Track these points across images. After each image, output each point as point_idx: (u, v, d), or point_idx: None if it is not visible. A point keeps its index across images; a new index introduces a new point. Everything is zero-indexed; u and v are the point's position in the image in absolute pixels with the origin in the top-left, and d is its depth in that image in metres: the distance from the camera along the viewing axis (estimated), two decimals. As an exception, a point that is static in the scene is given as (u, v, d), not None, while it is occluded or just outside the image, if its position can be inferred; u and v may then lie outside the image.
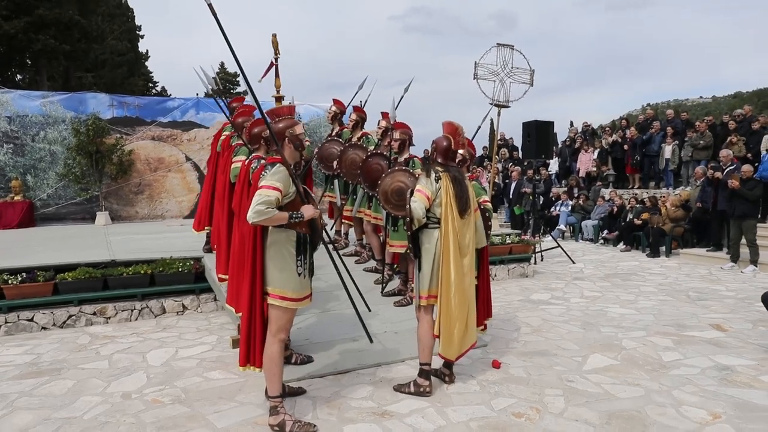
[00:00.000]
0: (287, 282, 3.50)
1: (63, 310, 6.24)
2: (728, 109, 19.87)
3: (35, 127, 12.75)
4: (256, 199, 3.28)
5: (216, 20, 3.51)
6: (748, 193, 9.34)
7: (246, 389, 4.25)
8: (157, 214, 13.81)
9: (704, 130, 13.37)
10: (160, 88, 38.00)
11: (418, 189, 4.05)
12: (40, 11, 21.25)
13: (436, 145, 4.27)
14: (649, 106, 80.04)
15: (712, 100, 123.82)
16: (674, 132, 14.19)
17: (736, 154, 11.27)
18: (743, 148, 11.93)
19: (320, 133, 14.31)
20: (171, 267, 6.78)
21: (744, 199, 9.36)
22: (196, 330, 6.01)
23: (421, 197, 3.99)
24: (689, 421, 3.72)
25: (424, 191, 4.02)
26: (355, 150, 6.52)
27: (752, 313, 6.48)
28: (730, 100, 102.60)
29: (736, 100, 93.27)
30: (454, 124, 4.32)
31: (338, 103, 7.66)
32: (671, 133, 14.18)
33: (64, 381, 4.54)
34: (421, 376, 4.12)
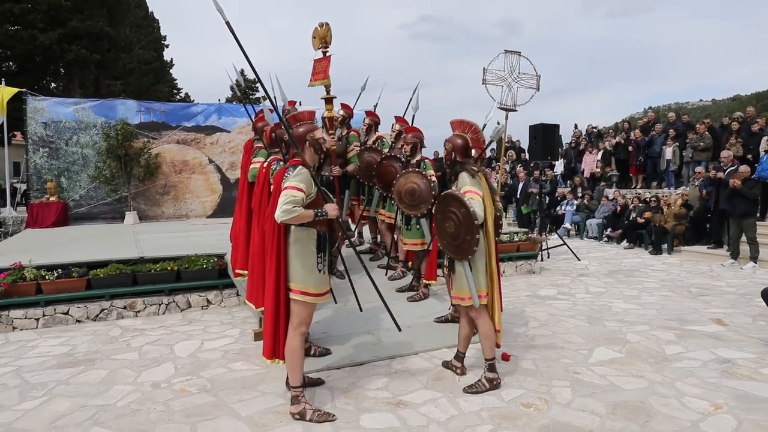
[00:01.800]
0: (308, 278, 3.52)
1: (96, 304, 6.31)
2: (727, 112, 19.62)
3: (68, 132, 12.89)
4: (283, 199, 3.30)
5: (234, 36, 3.57)
6: (748, 192, 9.23)
7: (267, 380, 4.28)
8: (181, 214, 13.90)
9: (704, 132, 13.23)
10: (184, 94, 38.32)
11: (471, 190, 3.91)
12: (73, 23, 21.51)
13: (453, 144, 4.12)
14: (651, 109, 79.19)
15: (711, 103, 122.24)
16: (675, 134, 14.05)
17: (735, 155, 11.13)
18: (741, 149, 11.79)
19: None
20: (196, 264, 6.83)
21: (744, 198, 9.24)
22: (219, 323, 6.05)
23: (478, 198, 3.87)
24: (691, 411, 3.69)
25: (477, 191, 3.91)
26: (370, 153, 6.52)
27: (752, 309, 6.40)
28: (730, 103, 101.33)
29: (735, 103, 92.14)
30: (465, 120, 4.20)
31: (345, 107, 7.60)
32: (672, 135, 14.04)
33: (98, 371, 4.59)
34: (492, 371, 4.06)
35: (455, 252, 4.00)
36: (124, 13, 26.21)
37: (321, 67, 5.62)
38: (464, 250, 3.92)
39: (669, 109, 64.21)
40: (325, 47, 5.57)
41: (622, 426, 3.48)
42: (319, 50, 5.70)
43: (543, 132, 11.25)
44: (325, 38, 5.56)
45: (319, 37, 5.60)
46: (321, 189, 3.56)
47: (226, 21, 3.52)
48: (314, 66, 5.68)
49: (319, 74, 5.59)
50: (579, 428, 3.46)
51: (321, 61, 5.65)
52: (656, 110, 58.29)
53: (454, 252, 4.01)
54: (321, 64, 5.62)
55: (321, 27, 5.67)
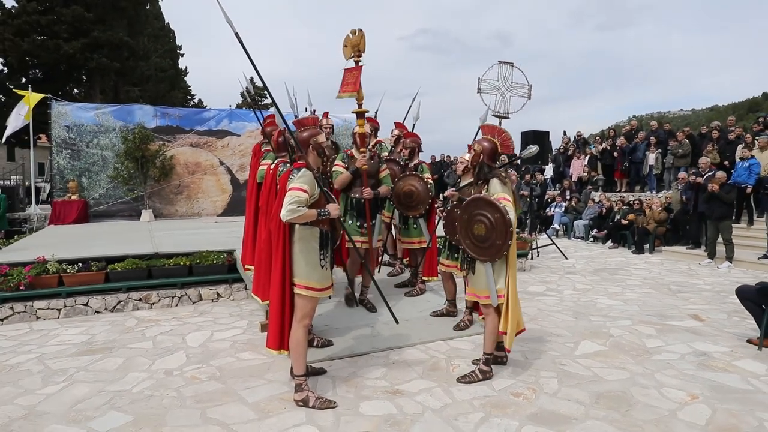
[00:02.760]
0: (312, 273, 3.52)
1: (113, 296, 6.31)
2: (706, 121, 19.61)
3: (89, 135, 12.90)
4: (288, 199, 3.30)
5: (242, 46, 3.57)
6: (725, 197, 9.21)
7: (273, 369, 4.27)
8: (194, 212, 13.91)
9: (683, 139, 13.21)
10: (197, 100, 38.27)
11: (505, 197, 3.84)
12: (95, 34, 21.52)
13: (483, 148, 4.05)
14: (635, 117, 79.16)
15: (691, 113, 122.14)
16: (657, 141, 14.03)
17: (712, 162, 11.13)
18: (717, 156, 11.78)
19: (340, 141, 14.32)
20: (207, 259, 6.84)
21: (721, 201, 9.23)
22: (229, 315, 6.05)
23: (510, 205, 3.82)
24: (669, 401, 3.69)
25: (509, 198, 3.86)
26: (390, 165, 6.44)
27: (727, 305, 6.39)
28: (708, 113, 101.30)
29: (713, 113, 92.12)
30: (496, 126, 4.21)
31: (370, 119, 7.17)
32: (654, 143, 14.02)
33: (114, 358, 4.59)
34: (487, 364, 4.03)
35: (480, 253, 3.92)
36: (142, 24, 26.21)
37: (351, 78, 4.86)
38: (492, 253, 3.85)
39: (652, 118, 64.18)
40: (358, 56, 4.82)
41: (604, 414, 3.47)
42: (350, 60, 4.97)
43: (534, 138, 11.21)
44: (358, 46, 4.81)
45: (351, 46, 4.86)
46: (323, 190, 3.56)
47: (235, 32, 3.52)
48: (344, 76, 4.95)
49: (349, 85, 4.83)
50: (564, 416, 3.46)
51: (352, 71, 4.90)
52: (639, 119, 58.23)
53: (480, 253, 3.92)
54: (351, 74, 4.87)
55: (353, 35, 4.90)
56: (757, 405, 3.63)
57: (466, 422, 3.36)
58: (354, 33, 4.89)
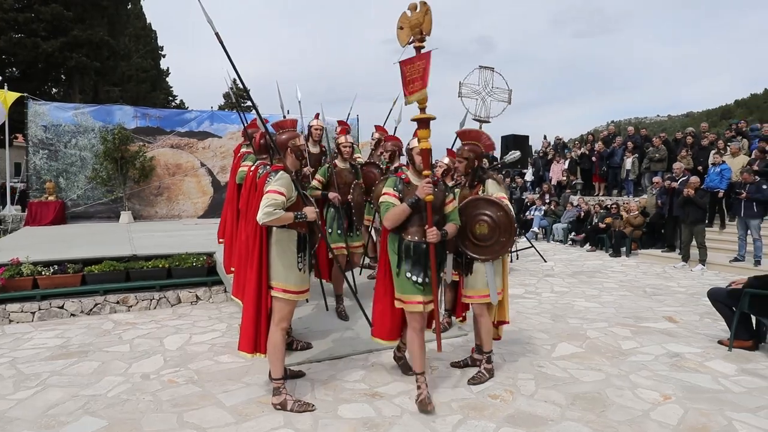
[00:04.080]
0: (289, 276, 3.50)
1: (90, 299, 6.19)
2: (681, 127, 20.02)
3: (68, 135, 12.67)
4: (264, 202, 3.28)
5: (222, 47, 3.53)
6: (699, 201, 9.40)
7: (252, 372, 4.23)
8: (174, 214, 13.73)
9: (659, 145, 13.45)
10: (179, 101, 37.88)
11: (504, 196, 3.94)
12: (74, 32, 21.19)
13: (475, 154, 4.09)
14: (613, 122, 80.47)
15: (667, 119, 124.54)
16: (634, 146, 14.26)
17: (686, 167, 11.35)
18: (691, 162, 12.02)
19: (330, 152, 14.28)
20: (186, 261, 6.76)
21: (696, 206, 9.41)
22: (207, 318, 5.98)
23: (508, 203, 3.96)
24: (643, 401, 3.74)
25: (507, 197, 3.98)
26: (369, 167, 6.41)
27: (700, 307, 6.51)
28: (683, 119, 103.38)
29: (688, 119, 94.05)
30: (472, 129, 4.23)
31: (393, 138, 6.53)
32: (631, 148, 14.25)
33: (90, 362, 4.50)
34: (489, 362, 4.12)
35: (483, 252, 3.91)
36: (123, 23, 25.88)
37: (416, 71, 3.46)
38: (496, 251, 3.90)
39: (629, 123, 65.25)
40: (421, 40, 3.46)
41: (580, 415, 3.51)
42: (409, 45, 3.54)
43: (514, 142, 11.38)
44: (421, 26, 3.44)
45: (410, 26, 3.48)
46: (301, 193, 3.54)
47: (215, 32, 3.48)
48: (403, 71, 3.53)
49: (416, 82, 3.46)
50: (541, 418, 3.48)
51: (414, 62, 3.47)
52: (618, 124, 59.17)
53: (482, 252, 3.91)
54: (415, 66, 3.45)
55: (413, 11, 3.48)
56: (727, 404, 3.71)
57: (443, 424, 3.36)
58: (414, 9, 3.50)
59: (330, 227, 5.32)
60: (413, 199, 3.45)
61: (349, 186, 5.38)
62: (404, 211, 3.47)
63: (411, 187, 3.56)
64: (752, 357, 4.73)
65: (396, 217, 3.50)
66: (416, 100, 3.46)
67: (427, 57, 3.41)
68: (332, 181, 5.31)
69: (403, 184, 3.63)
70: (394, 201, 3.55)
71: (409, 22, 3.48)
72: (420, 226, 3.53)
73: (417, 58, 3.45)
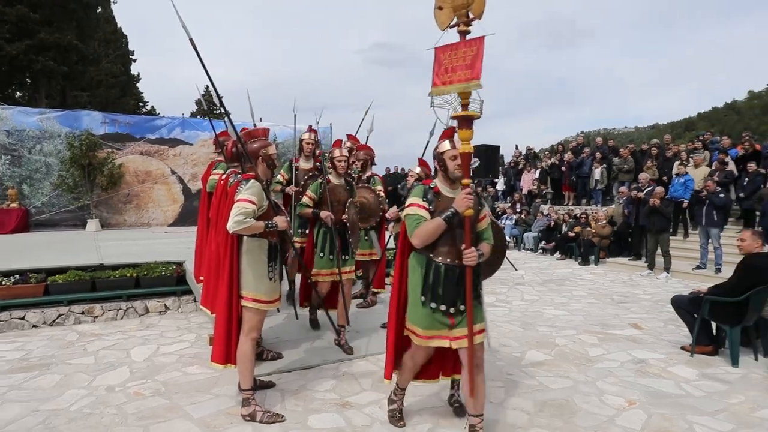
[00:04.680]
0: (259, 286, 3.47)
1: (53, 310, 6.02)
2: (647, 138, 20.61)
3: (32, 141, 12.35)
4: (235, 210, 3.26)
5: (197, 53, 3.49)
6: (664, 210, 9.67)
7: (221, 383, 4.17)
8: (143, 222, 13.49)
9: (627, 156, 13.82)
10: (150, 107, 37.29)
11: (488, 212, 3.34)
12: (41, 35, 20.69)
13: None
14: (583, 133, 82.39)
15: (635, 130, 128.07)
16: (602, 157, 14.61)
17: (651, 177, 11.68)
18: (656, 172, 12.38)
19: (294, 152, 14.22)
20: (155, 271, 6.64)
21: (661, 215, 9.68)
22: (176, 328, 5.87)
23: None
24: (609, 407, 3.82)
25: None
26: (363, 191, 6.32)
27: (664, 314, 6.68)
28: (650, 130, 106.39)
29: (654, 130, 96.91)
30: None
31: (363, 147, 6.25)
32: (599, 158, 14.59)
33: (52, 375, 4.37)
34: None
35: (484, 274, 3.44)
36: (93, 27, 25.38)
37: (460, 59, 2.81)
38: (490, 270, 3.68)
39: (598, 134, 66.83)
40: (467, 24, 2.84)
41: (548, 422, 3.56)
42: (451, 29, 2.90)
43: (485, 152, 11.50)
44: (469, 7, 2.81)
45: (452, 6, 2.85)
46: (272, 202, 3.52)
47: (190, 38, 3.45)
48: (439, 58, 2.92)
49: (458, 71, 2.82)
50: (510, 425, 3.52)
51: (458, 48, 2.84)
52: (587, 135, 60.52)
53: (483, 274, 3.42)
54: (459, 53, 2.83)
55: None
56: (688, 409, 3.81)
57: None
58: None
59: (322, 251, 4.71)
60: (450, 213, 2.91)
61: (344, 204, 4.82)
62: (439, 227, 2.93)
63: (442, 199, 3.05)
64: (712, 362, 4.88)
65: (429, 235, 2.95)
66: (457, 92, 2.89)
67: (480, 43, 2.78)
68: (325, 198, 4.73)
69: (434, 194, 3.09)
70: (424, 214, 3.01)
71: (452, 2, 2.88)
72: (453, 246, 3.00)
73: (463, 44, 2.85)
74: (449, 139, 3.14)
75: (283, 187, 5.64)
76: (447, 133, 3.21)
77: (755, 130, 45.07)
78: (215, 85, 3.72)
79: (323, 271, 4.72)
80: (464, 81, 2.81)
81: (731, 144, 12.73)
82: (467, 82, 2.79)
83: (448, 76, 2.88)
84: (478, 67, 2.76)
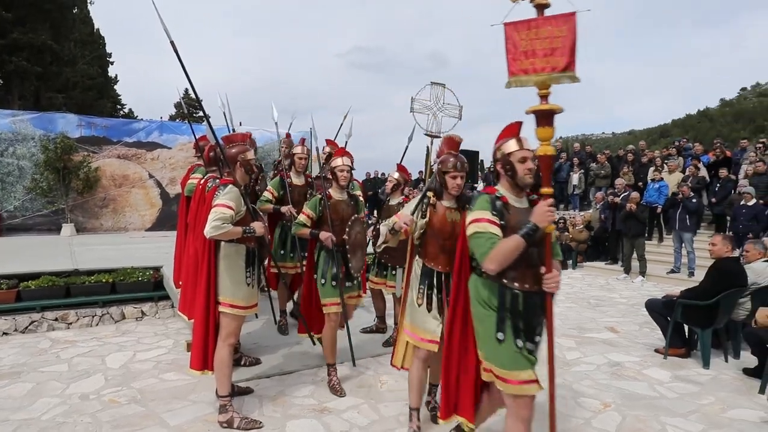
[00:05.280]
0: (237, 291, 3.45)
1: (25, 317, 5.88)
2: (624, 144, 20.99)
3: (4, 143, 12.06)
4: (212, 216, 3.24)
5: (177, 56, 3.46)
6: (640, 215, 9.87)
7: (198, 389, 4.13)
8: (120, 227, 13.27)
9: (604, 161, 14.07)
10: (128, 110, 36.76)
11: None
12: (14, 35, 20.30)
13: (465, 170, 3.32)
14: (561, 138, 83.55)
15: (612, 136, 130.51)
16: (580, 162, 14.85)
17: (627, 183, 11.92)
18: (632, 178, 12.63)
19: (274, 156, 14.15)
20: (131, 276, 6.54)
21: (637, 220, 9.88)
22: (153, 335, 5.79)
23: None
24: (585, 410, 3.88)
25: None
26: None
27: (639, 317, 6.81)
28: (626, 137, 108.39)
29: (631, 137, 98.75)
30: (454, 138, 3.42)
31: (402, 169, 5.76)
32: (577, 163, 14.83)
33: (23, 384, 4.27)
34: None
35: None
36: (69, 28, 24.95)
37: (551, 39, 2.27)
38: None
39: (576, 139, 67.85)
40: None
41: (524, 425, 3.59)
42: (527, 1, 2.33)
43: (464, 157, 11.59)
44: None
45: None
46: (250, 207, 3.51)
47: (170, 40, 3.41)
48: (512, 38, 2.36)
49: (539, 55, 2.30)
50: (488, 429, 3.54)
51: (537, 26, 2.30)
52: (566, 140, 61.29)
53: None
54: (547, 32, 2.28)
55: None
56: (661, 410, 3.90)
57: (392, 438, 3.38)
58: None
59: (323, 277, 4.10)
60: (530, 229, 2.37)
61: (346, 222, 4.17)
62: (518, 247, 2.37)
63: (513, 211, 2.53)
64: (685, 364, 5.00)
65: (508, 257, 2.39)
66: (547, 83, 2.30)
67: (571, 22, 2.21)
68: (325, 216, 4.11)
69: (503, 205, 2.54)
70: (497, 232, 2.45)
71: None
72: (530, 268, 2.49)
73: (545, 21, 2.28)
74: (516, 138, 2.59)
75: (274, 207, 5.10)
76: (512, 130, 2.64)
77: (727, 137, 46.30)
78: (195, 88, 3.70)
79: (329, 300, 4.10)
80: (555, 71, 2.26)
81: (703, 151, 13.07)
82: (560, 72, 2.26)
83: (530, 63, 2.32)
84: (568, 51, 2.23)
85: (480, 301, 2.57)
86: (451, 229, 3.19)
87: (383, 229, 3.18)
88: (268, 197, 5.18)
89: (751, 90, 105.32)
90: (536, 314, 2.55)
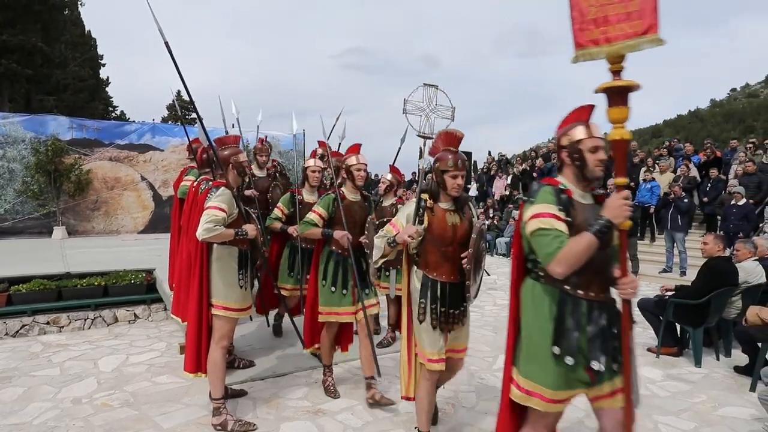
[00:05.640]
0: (230, 294, 3.45)
1: (16, 320, 5.84)
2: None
3: (-6, 146, 11.98)
4: (204, 218, 3.23)
5: (172, 58, 3.45)
6: (633, 215, 9.90)
7: (192, 392, 4.11)
8: (112, 230, 13.20)
9: (597, 162, 14.13)
10: (120, 112, 36.58)
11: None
12: (4, 37, 20.16)
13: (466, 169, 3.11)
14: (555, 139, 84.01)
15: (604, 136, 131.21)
16: (572, 163, 14.90)
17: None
18: (624, 178, 12.69)
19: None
20: (124, 279, 6.51)
21: (629, 219, 9.92)
22: (146, 337, 5.76)
23: None
24: (579, 409, 3.88)
25: None
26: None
27: (632, 317, 6.83)
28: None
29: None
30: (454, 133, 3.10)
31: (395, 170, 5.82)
32: (569, 164, 14.88)
33: (14, 388, 4.24)
34: None
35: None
36: (60, 30, 24.81)
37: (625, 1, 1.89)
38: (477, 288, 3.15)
39: (569, 141, 68.20)
40: None
41: (518, 425, 3.60)
42: None
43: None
44: None
45: None
46: (242, 210, 3.50)
47: (165, 41, 3.40)
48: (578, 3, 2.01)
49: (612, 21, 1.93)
50: (481, 429, 3.56)
51: None
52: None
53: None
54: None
55: None
56: (654, 409, 3.92)
57: (386, 439, 3.38)
58: None
59: (333, 285, 3.85)
60: (603, 225, 2.05)
61: (361, 226, 3.92)
62: (591, 245, 2.03)
63: (579, 206, 2.20)
64: (677, 363, 5.03)
65: (579, 257, 2.04)
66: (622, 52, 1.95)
67: None
68: (338, 216, 3.85)
69: (568, 200, 2.19)
70: (564, 229, 2.11)
71: None
72: (600, 273, 2.17)
73: None
74: (584, 125, 2.23)
75: (283, 226, 4.73)
76: (580, 114, 2.26)
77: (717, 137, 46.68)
78: (188, 89, 3.68)
79: (344, 310, 3.87)
80: (633, 36, 1.89)
81: (694, 151, 13.16)
82: (638, 36, 1.88)
83: (600, 32, 1.96)
84: (654, 11, 1.85)
85: (543, 313, 2.20)
86: (452, 234, 2.93)
87: (378, 242, 2.96)
88: (278, 215, 4.76)
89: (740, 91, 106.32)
90: (605, 327, 2.14)
